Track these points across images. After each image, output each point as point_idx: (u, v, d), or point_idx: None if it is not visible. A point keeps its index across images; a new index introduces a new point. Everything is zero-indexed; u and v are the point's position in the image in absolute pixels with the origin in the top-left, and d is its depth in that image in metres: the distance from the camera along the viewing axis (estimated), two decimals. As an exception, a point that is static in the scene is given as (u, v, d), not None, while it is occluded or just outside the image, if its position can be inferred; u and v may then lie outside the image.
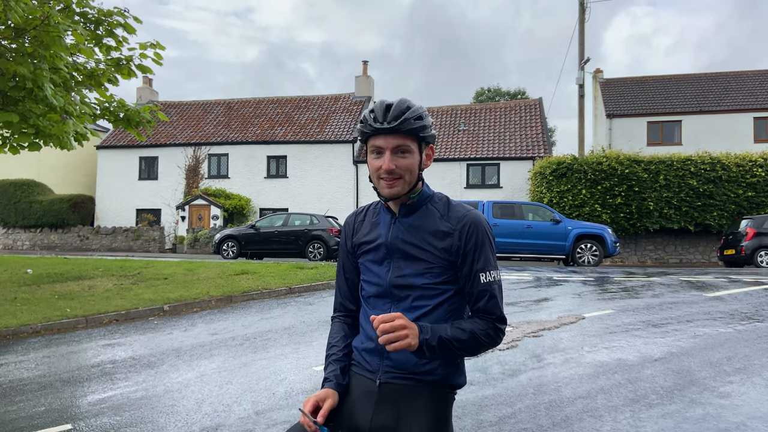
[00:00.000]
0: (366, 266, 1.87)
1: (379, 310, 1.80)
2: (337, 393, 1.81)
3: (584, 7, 22.87)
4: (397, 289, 1.77)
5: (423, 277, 1.75)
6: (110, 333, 8.19)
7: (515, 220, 17.39)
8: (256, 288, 11.09)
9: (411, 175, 1.75)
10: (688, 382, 4.99)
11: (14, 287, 11.51)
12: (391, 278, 1.78)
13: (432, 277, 1.75)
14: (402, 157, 1.73)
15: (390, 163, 1.72)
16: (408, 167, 1.74)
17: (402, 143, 1.72)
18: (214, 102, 34.67)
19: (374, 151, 1.76)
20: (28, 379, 5.88)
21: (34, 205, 30.08)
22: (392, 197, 1.77)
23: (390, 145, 1.72)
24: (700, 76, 32.11)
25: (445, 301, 1.76)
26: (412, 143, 1.74)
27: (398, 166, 1.72)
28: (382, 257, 1.81)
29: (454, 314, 1.77)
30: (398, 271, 1.78)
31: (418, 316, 1.74)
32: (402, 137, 1.72)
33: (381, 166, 1.73)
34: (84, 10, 9.12)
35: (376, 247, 1.83)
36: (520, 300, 9.45)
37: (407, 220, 1.81)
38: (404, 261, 1.78)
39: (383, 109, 1.73)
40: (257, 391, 5.06)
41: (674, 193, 21.09)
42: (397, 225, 1.81)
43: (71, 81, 9.08)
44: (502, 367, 5.51)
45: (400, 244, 1.78)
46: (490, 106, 32.54)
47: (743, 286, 10.99)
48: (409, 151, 1.74)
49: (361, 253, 1.89)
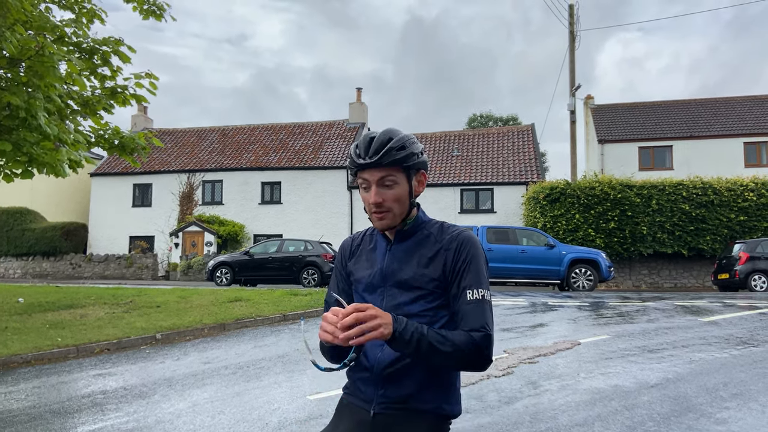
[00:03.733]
0: (359, 294, 1.86)
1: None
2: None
3: (574, 36, 23.24)
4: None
5: (417, 304, 1.75)
6: (102, 362, 8.09)
7: (509, 245, 17.40)
8: (249, 315, 11.01)
9: (400, 205, 1.76)
10: (684, 408, 4.95)
11: (5, 316, 11.38)
12: (386, 307, 1.77)
13: (426, 303, 1.75)
14: (388, 189, 1.74)
15: (376, 197, 1.73)
16: (395, 198, 1.74)
17: (386, 175, 1.73)
18: (208, 129, 34.83)
19: (362, 184, 1.78)
20: (18, 410, 5.79)
21: (26, 233, 29.91)
22: (384, 229, 1.80)
23: (375, 179, 1.74)
24: (690, 101, 32.53)
25: (441, 323, 1.75)
26: (397, 174, 1.74)
27: (385, 199, 1.73)
28: (377, 285, 1.81)
29: None
30: (392, 299, 1.77)
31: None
32: (385, 170, 1.73)
33: (369, 199, 1.75)
34: (79, 39, 9.20)
35: (371, 274, 1.83)
36: (515, 326, 9.41)
37: (402, 246, 1.81)
38: (398, 289, 1.77)
39: (366, 143, 1.75)
40: (250, 421, 4.99)
41: (667, 217, 21.19)
42: (393, 252, 1.81)
43: (66, 110, 9.12)
44: (498, 395, 5.46)
45: (395, 272, 1.78)
46: (482, 132, 32.82)
47: (738, 310, 10.99)
48: (395, 182, 1.74)
49: (355, 280, 1.89)
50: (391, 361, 1.73)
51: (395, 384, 1.72)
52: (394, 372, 1.72)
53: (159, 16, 10.11)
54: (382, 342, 1.75)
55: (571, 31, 23.28)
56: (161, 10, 10.11)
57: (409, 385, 1.72)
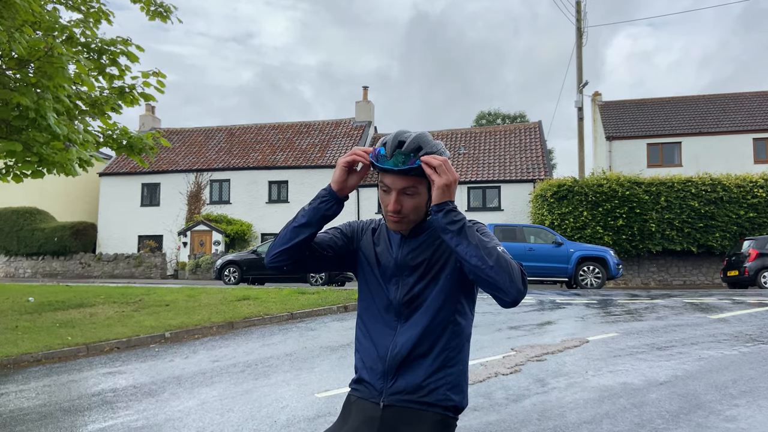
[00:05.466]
0: (376, 281, 1.87)
1: (384, 325, 1.80)
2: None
3: (581, 32, 23.14)
4: (405, 306, 1.79)
5: (430, 294, 1.77)
6: (111, 361, 8.14)
7: (517, 243, 17.37)
8: (257, 314, 11.05)
9: (417, 214, 1.77)
10: (693, 405, 4.93)
11: (15, 315, 11.48)
12: (400, 296, 1.80)
13: (440, 292, 1.77)
14: (409, 198, 1.74)
15: (396, 205, 1.73)
16: (414, 207, 1.75)
17: (408, 185, 1.73)
18: (215, 128, 34.93)
19: (383, 187, 1.77)
20: (29, 408, 5.84)
21: (36, 232, 30.11)
22: (397, 231, 1.81)
23: (397, 186, 1.73)
24: (698, 98, 32.32)
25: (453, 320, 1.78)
26: (419, 185, 1.73)
27: (404, 207, 1.74)
28: (391, 275, 1.83)
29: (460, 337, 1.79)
30: (407, 288, 1.80)
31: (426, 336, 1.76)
32: (410, 179, 1.72)
33: (388, 204, 1.75)
34: (87, 40, 9.25)
35: (386, 264, 1.84)
36: (523, 324, 9.39)
37: (417, 239, 1.83)
38: (413, 279, 1.79)
39: (394, 146, 1.71)
40: (259, 419, 5.01)
41: (676, 214, 21.08)
42: (408, 242, 1.83)
43: (75, 110, 9.17)
44: (506, 392, 5.46)
45: (409, 263, 1.80)
46: (489, 130, 32.74)
47: (747, 307, 10.92)
48: (417, 192, 1.74)
49: (366, 263, 1.90)
50: (403, 349, 1.75)
51: (406, 373, 1.74)
52: (404, 361, 1.74)
53: (165, 18, 10.14)
54: (394, 332, 1.78)
55: (579, 28, 23.18)
56: (168, 12, 10.13)
57: (419, 374, 1.74)
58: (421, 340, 1.75)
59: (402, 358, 1.75)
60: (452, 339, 1.77)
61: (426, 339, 1.74)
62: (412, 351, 1.74)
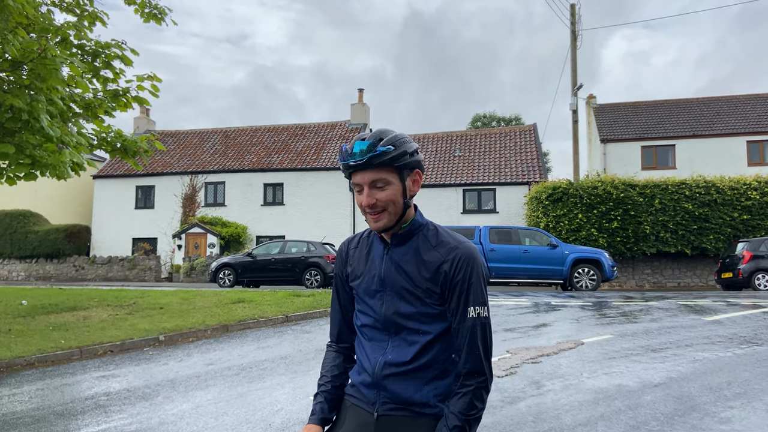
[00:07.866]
0: (360, 297, 1.86)
1: (376, 342, 1.79)
2: (321, 428, 1.80)
3: (576, 35, 23.21)
4: (392, 323, 1.77)
5: (416, 310, 1.74)
6: (105, 364, 8.10)
7: (512, 245, 17.38)
8: (252, 317, 11.02)
9: (395, 205, 1.72)
10: (688, 407, 4.94)
11: (8, 319, 11.41)
12: (385, 312, 1.77)
13: (424, 308, 1.74)
14: (381, 190, 1.71)
15: (368, 199, 1.70)
16: (389, 199, 1.71)
17: (377, 177, 1.70)
18: (210, 130, 34.87)
19: (356, 188, 1.75)
20: (22, 412, 5.80)
21: (29, 235, 29.98)
22: (380, 230, 1.77)
23: (366, 181, 1.71)
24: (692, 100, 32.46)
25: (442, 334, 1.75)
26: (388, 174, 1.71)
27: (378, 200, 1.70)
28: (375, 290, 1.80)
29: (450, 350, 1.76)
30: (392, 305, 1.76)
31: (415, 352, 1.73)
32: (376, 171, 1.70)
33: (362, 201, 1.73)
34: (81, 42, 9.21)
35: (370, 279, 1.82)
36: (518, 326, 9.40)
37: (400, 249, 1.79)
38: (398, 295, 1.76)
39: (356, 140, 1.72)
40: (253, 423, 4.99)
41: (670, 216, 21.15)
42: (390, 256, 1.79)
43: (68, 112, 9.13)
44: (501, 395, 5.46)
45: (394, 278, 1.77)
46: (485, 132, 32.81)
47: (741, 309, 10.96)
48: (387, 183, 1.71)
49: (355, 284, 1.88)
50: (392, 366, 1.73)
51: (396, 387, 1.72)
52: (394, 376, 1.73)
53: (159, 20, 10.12)
54: (384, 346, 1.76)
55: (573, 31, 23.25)
56: (162, 14, 10.12)
57: (410, 388, 1.72)
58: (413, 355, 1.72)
59: (392, 373, 1.72)
60: (443, 351, 1.74)
61: (417, 353, 1.72)
62: (402, 365, 1.72)
